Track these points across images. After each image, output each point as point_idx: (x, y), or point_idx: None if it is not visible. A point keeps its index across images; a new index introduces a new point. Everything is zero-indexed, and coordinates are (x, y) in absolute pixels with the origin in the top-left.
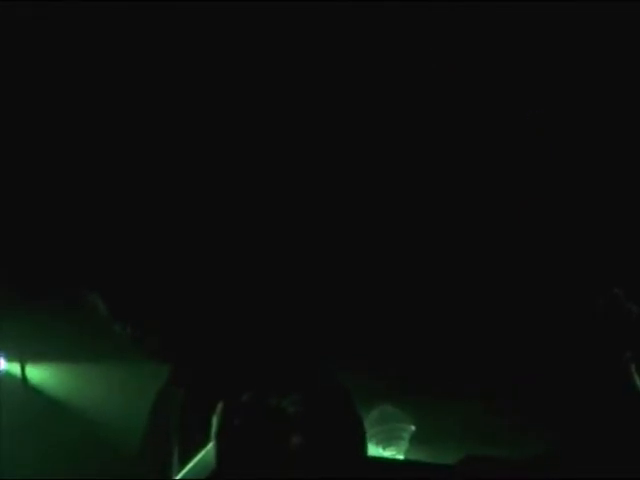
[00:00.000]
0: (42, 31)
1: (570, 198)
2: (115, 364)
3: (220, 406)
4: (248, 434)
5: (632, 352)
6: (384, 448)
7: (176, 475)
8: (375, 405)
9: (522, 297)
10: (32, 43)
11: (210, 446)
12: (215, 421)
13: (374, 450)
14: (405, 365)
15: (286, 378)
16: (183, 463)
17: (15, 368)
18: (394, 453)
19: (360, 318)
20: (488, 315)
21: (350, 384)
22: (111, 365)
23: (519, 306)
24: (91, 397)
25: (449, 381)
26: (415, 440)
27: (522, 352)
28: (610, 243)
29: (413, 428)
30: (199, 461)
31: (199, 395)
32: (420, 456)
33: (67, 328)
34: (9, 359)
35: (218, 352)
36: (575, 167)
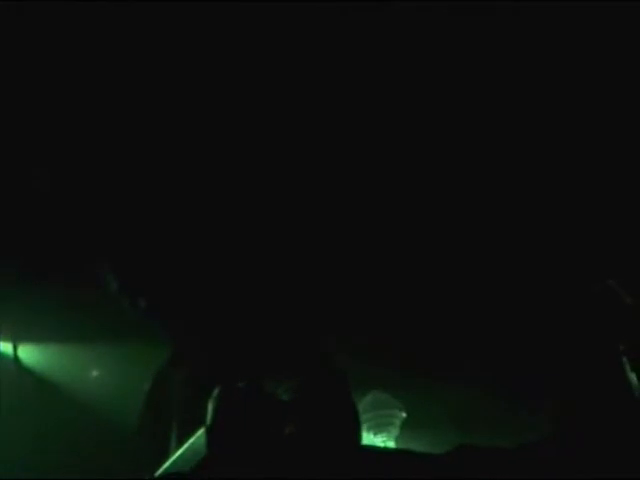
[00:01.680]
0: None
1: (566, 189)
2: (108, 345)
3: (215, 392)
4: (241, 421)
5: (626, 343)
6: (375, 434)
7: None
8: (367, 390)
9: (516, 286)
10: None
11: (200, 432)
12: (210, 407)
13: (365, 436)
14: (397, 350)
15: (282, 364)
16: (180, 445)
17: (7, 348)
18: (385, 439)
19: (354, 303)
20: (482, 302)
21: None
22: (105, 346)
23: (513, 293)
24: (84, 378)
25: (441, 367)
26: (406, 426)
27: (516, 340)
28: (605, 234)
29: (404, 414)
30: (189, 447)
31: (199, 378)
32: (411, 443)
33: (60, 308)
34: (1, 339)
35: (218, 336)
36: (572, 158)
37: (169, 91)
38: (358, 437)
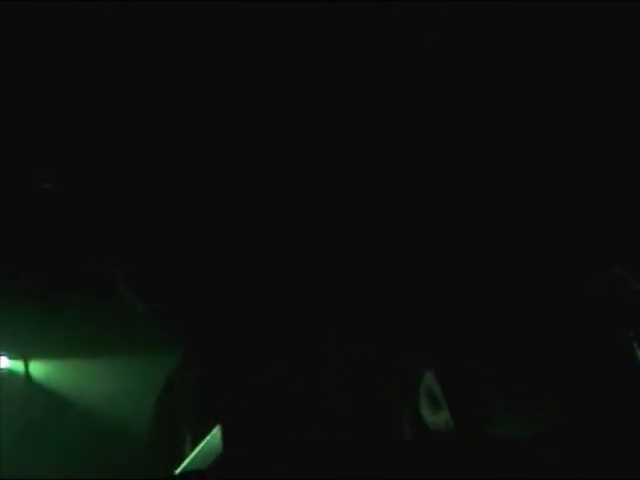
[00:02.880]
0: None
1: (570, 177)
2: (119, 358)
3: (229, 390)
4: (256, 419)
5: (635, 331)
6: None
7: (186, 459)
8: None
9: (522, 275)
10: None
11: (216, 430)
12: (223, 405)
13: None
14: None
15: (294, 364)
16: (193, 447)
17: (18, 366)
18: None
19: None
20: (483, 296)
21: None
22: (115, 360)
23: (515, 284)
24: (96, 392)
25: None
26: None
27: (522, 332)
28: (612, 221)
29: None
30: (205, 446)
31: (211, 379)
32: None
33: (70, 324)
34: (12, 357)
35: (232, 338)
36: (575, 148)
37: (177, 87)
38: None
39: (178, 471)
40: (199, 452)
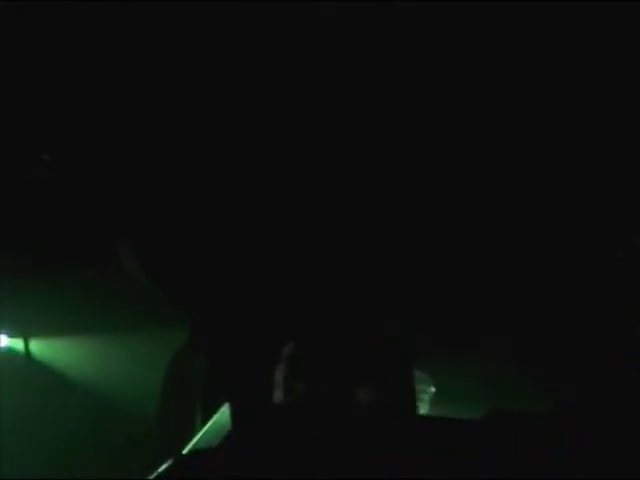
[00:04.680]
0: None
1: (587, 150)
2: (124, 336)
3: (239, 367)
4: (265, 395)
5: None
6: None
7: (194, 437)
8: None
9: (538, 251)
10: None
11: (225, 407)
12: (232, 382)
13: None
14: (424, 322)
15: (305, 338)
16: (201, 425)
17: (18, 344)
18: None
19: (377, 275)
20: (503, 269)
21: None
22: (118, 336)
23: (536, 260)
24: (100, 371)
25: (471, 339)
26: (436, 402)
27: (538, 307)
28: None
29: (433, 389)
30: (213, 425)
31: (220, 356)
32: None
33: (71, 300)
34: (11, 335)
35: (243, 313)
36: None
37: (184, 80)
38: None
39: (186, 450)
40: (207, 430)
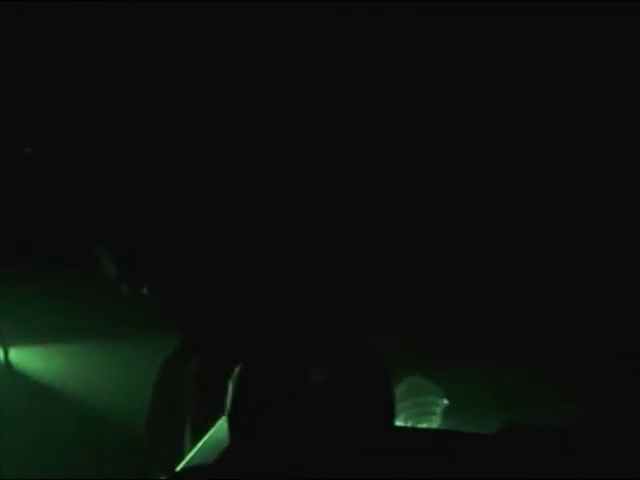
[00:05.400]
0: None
1: (587, 150)
2: (107, 342)
3: (234, 375)
4: (265, 407)
5: None
6: (414, 425)
7: (188, 453)
8: (401, 377)
9: (547, 254)
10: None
11: (222, 421)
12: (229, 392)
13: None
14: (433, 329)
15: (310, 343)
16: (196, 440)
17: None
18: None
19: (384, 279)
20: (525, 270)
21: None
22: (103, 343)
23: (546, 264)
24: (83, 380)
25: (484, 345)
26: (448, 415)
27: (567, 310)
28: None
29: (446, 402)
30: (209, 439)
31: (212, 365)
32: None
33: (52, 306)
34: None
35: (234, 315)
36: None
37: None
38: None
39: (179, 468)
40: (203, 446)
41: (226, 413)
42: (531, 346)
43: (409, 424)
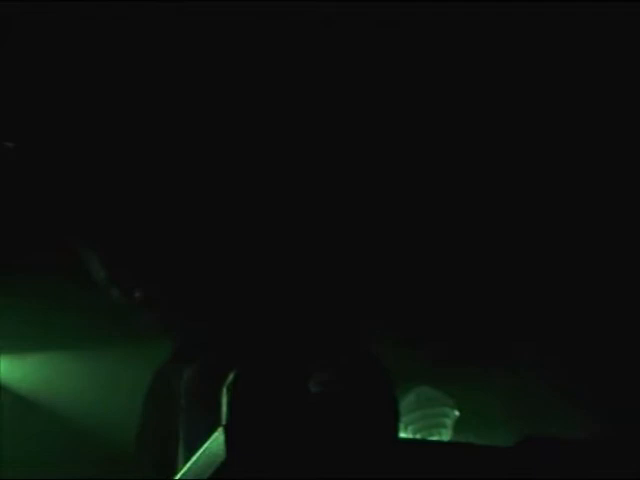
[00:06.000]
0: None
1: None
2: (94, 351)
3: (230, 384)
4: (264, 418)
5: None
6: (423, 438)
7: (181, 468)
8: (410, 386)
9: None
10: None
11: (218, 433)
12: (224, 402)
13: None
14: (441, 335)
15: (310, 351)
16: (189, 454)
17: None
18: None
19: (390, 284)
20: (539, 271)
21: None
22: (89, 353)
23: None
24: (68, 392)
25: (495, 352)
26: (460, 427)
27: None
28: None
29: (457, 413)
30: (204, 452)
31: (207, 374)
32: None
33: (35, 313)
34: None
35: (229, 321)
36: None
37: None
38: (395, 431)
39: None
40: (197, 460)
41: (222, 425)
42: (544, 353)
43: (418, 437)
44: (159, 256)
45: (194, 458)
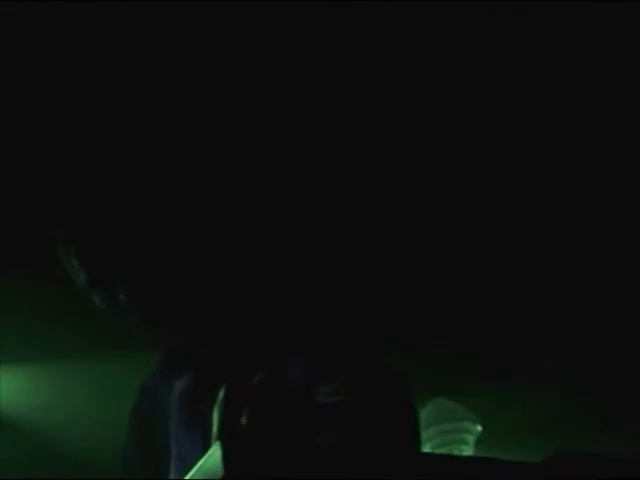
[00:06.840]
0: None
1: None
2: (73, 361)
3: (224, 393)
4: (263, 431)
5: None
6: None
7: None
8: (428, 398)
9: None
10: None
11: (214, 449)
12: (218, 414)
13: None
14: (463, 346)
15: (316, 357)
16: (183, 472)
17: None
18: None
19: (409, 294)
20: (565, 281)
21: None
22: (68, 363)
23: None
24: (45, 408)
25: (520, 365)
26: (482, 443)
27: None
28: None
29: (479, 428)
30: (200, 469)
31: (201, 385)
32: None
33: (17, 321)
34: None
35: (225, 328)
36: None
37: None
38: (417, 447)
39: None
40: (192, 477)
41: (218, 440)
42: (573, 367)
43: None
44: (146, 254)
45: (189, 476)
